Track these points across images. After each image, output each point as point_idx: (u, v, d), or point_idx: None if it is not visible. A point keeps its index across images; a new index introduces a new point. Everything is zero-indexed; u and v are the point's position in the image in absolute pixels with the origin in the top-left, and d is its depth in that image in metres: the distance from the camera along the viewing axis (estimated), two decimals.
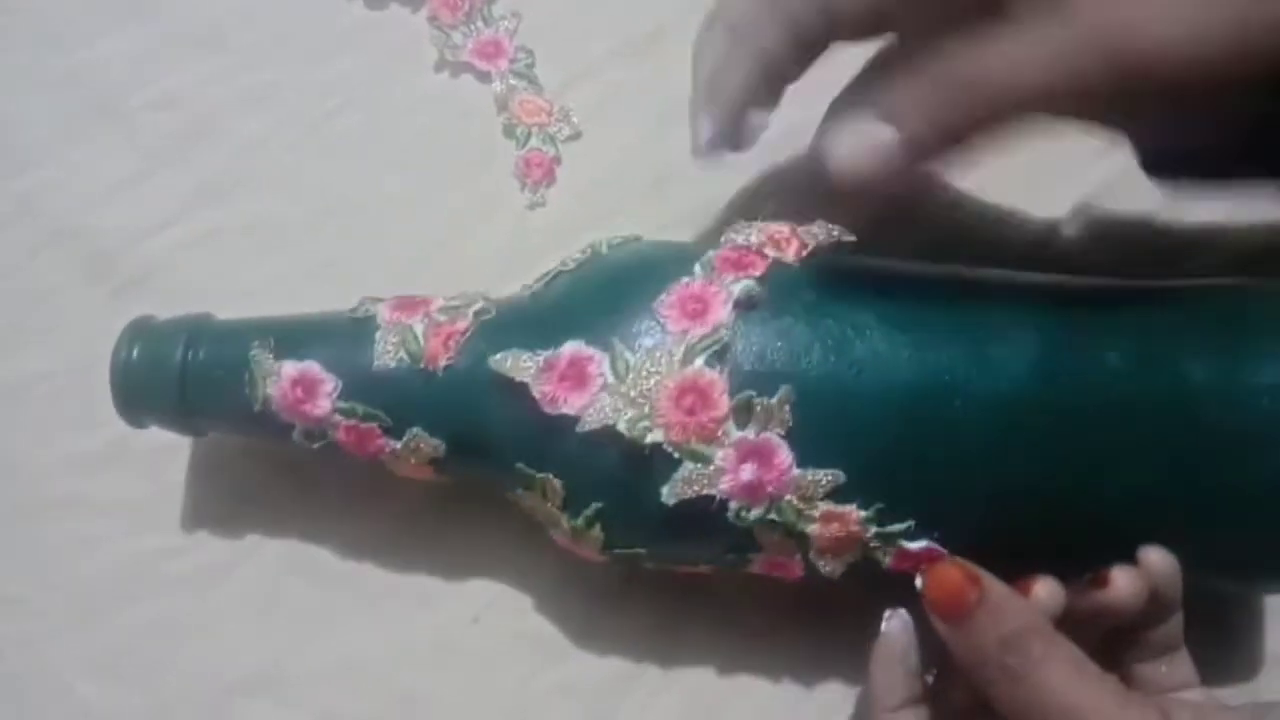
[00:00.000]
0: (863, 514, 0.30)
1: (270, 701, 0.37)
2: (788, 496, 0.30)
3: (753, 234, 0.33)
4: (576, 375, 0.31)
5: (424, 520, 0.38)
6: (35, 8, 0.44)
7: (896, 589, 0.31)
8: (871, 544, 0.31)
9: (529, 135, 0.42)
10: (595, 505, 0.31)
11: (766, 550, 0.31)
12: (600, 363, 0.30)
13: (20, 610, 0.38)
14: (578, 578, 0.38)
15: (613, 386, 0.30)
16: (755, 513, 0.30)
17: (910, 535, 0.31)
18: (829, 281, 0.32)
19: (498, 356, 0.31)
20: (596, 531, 0.32)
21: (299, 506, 0.39)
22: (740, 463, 0.30)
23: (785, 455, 0.30)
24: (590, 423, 0.30)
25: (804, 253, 0.32)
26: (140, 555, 0.38)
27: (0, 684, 0.37)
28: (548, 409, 0.31)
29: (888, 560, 0.31)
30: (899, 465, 0.30)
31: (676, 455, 0.30)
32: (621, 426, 0.30)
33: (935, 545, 0.31)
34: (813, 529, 0.30)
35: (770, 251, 0.32)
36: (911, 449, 0.30)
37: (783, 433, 0.30)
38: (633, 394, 0.30)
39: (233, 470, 0.39)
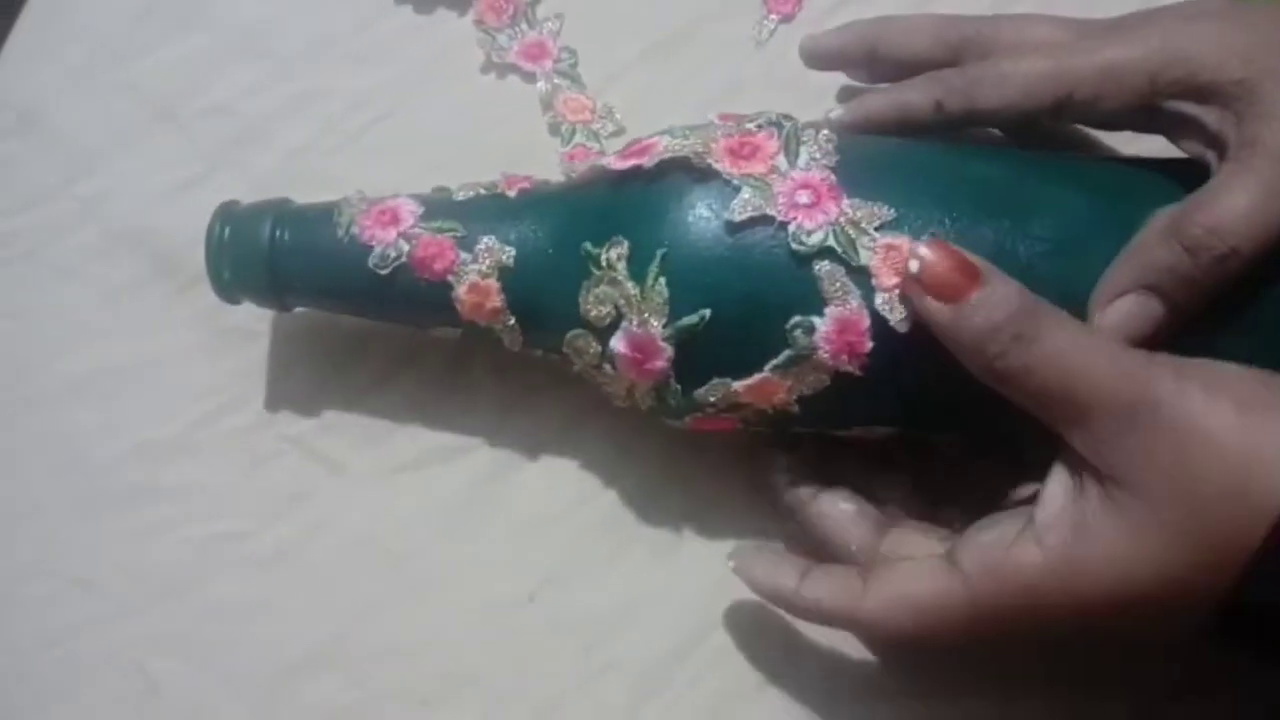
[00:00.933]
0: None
1: (334, 679, 0.38)
2: (842, 220, 0.32)
3: None
4: (639, 149, 0.34)
5: (480, 498, 0.40)
6: (93, 21, 0.46)
7: None
8: None
9: (574, 132, 0.44)
10: (660, 252, 0.33)
11: (831, 302, 0.32)
12: (657, 139, 0.34)
13: (91, 593, 0.39)
14: (631, 554, 0.39)
15: (672, 144, 0.34)
16: (815, 237, 0.32)
17: None
18: None
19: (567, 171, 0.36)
20: (662, 288, 0.32)
21: (360, 489, 0.40)
22: (795, 190, 0.32)
23: (835, 185, 0.32)
24: (655, 159, 0.33)
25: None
26: (208, 539, 0.40)
27: (72, 663, 0.39)
28: (619, 165, 0.34)
29: None
30: (949, 209, 0.32)
31: (736, 183, 0.33)
32: (686, 152, 0.33)
33: None
34: (873, 261, 0.32)
35: None
36: (959, 193, 0.33)
37: (830, 166, 0.33)
38: (692, 140, 0.34)
39: (296, 457, 0.41)
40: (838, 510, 0.35)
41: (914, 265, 0.30)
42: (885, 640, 0.35)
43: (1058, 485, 0.30)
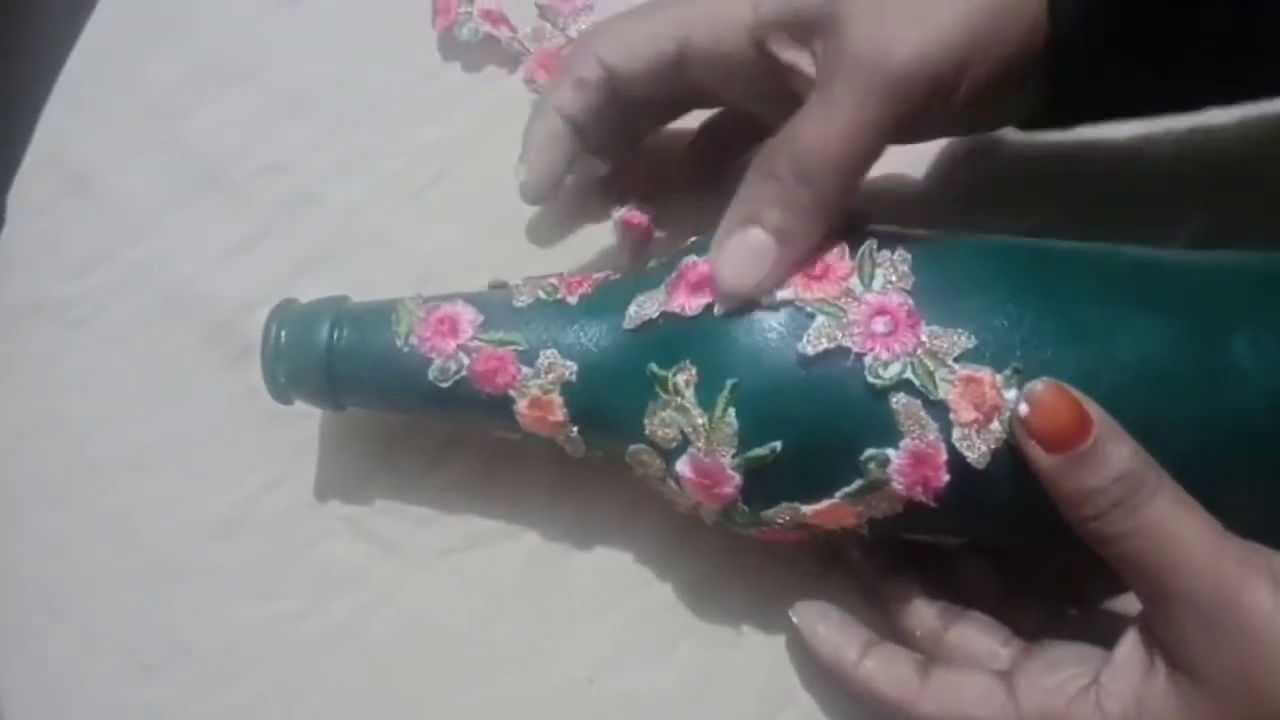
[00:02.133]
0: (999, 376, 0.30)
1: None
2: (920, 353, 0.30)
3: None
4: (700, 281, 0.32)
5: (534, 581, 0.39)
6: (139, 78, 0.46)
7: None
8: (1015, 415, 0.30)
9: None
10: (730, 382, 0.31)
11: (906, 435, 0.30)
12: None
13: (150, 675, 0.39)
14: (688, 640, 0.38)
15: None
16: (891, 370, 0.30)
17: None
18: None
19: (630, 311, 0.33)
20: (731, 419, 0.31)
21: (412, 570, 0.39)
22: (871, 317, 0.31)
23: (913, 310, 0.31)
24: (724, 303, 0.32)
25: None
26: (265, 619, 0.39)
27: None
28: (682, 318, 0.32)
29: None
30: (1030, 334, 0.31)
31: (809, 310, 0.31)
32: (756, 301, 0.31)
33: None
34: (951, 395, 0.30)
35: None
36: (1041, 314, 0.31)
37: (908, 290, 0.31)
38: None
39: (350, 535, 0.40)
40: (908, 592, 0.34)
41: (1024, 408, 0.29)
42: None
43: (1129, 653, 0.29)
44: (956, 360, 0.30)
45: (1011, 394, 0.30)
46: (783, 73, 0.33)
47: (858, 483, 0.31)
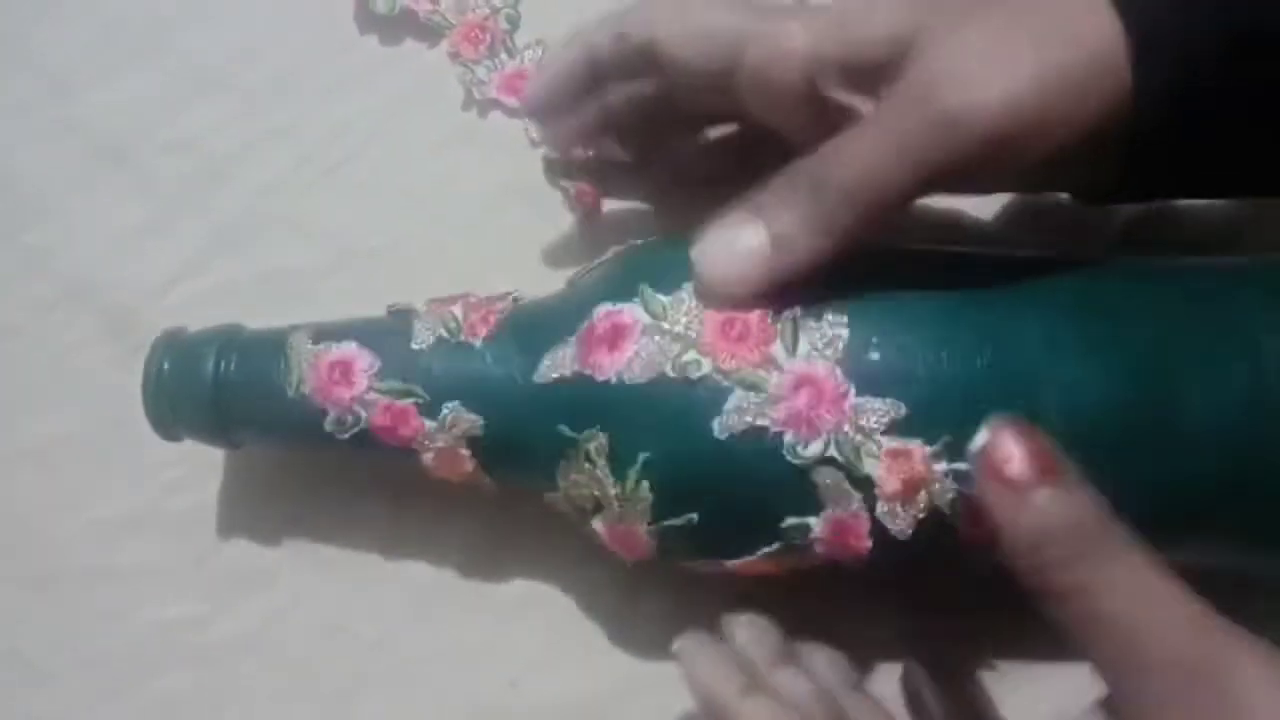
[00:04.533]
0: (929, 449, 0.28)
1: None
2: (846, 428, 0.28)
3: None
4: (613, 333, 0.30)
5: (457, 583, 0.37)
6: (37, 53, 0.43)
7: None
8: (941, 489, 0.28)
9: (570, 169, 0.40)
10: (643, 456, 0.29)
11: (828, 506, 0.28)
12: (633, 311, 0.30)
13: (48, 682, 0.37)
14: (618, 638, 0.36)
15: (651, 326, 0.29)
16: (813, 448, 0.28)
17: None
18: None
19: (541, 367, 0.31)
20: (645, 493, 0.29)
21: (326, 573, 0.37)
22: (794, 389, 0.28)
23: (840, 381, 0.28)
24: (636, 373, 0.29)
25: None
26: (168, 625, 0.37)
27: None
28: (594, 381, 0.29)
29: (959, 516, 0.28)
30: (962, 396, 0.28)
31: (726, 384, 0.28)
32: (669, 369, 0.29)
33: None
34: (877, 470, 0.28)
35: None
36: (975, 374, 0.28)
37: (835, 358, 0.28)
38: (674, 329, 0.29)
39: (259, 536, 0.38)
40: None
41: (980, 439, 0.26)
42: None
43: None
44: (885, 433, 0.28)
45: (940, 466, 0.28)
46: (833, 111, 0.30)
47: (778, 545, 0.29)
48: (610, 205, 0.40)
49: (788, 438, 0.28)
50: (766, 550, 0.29)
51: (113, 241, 0.41)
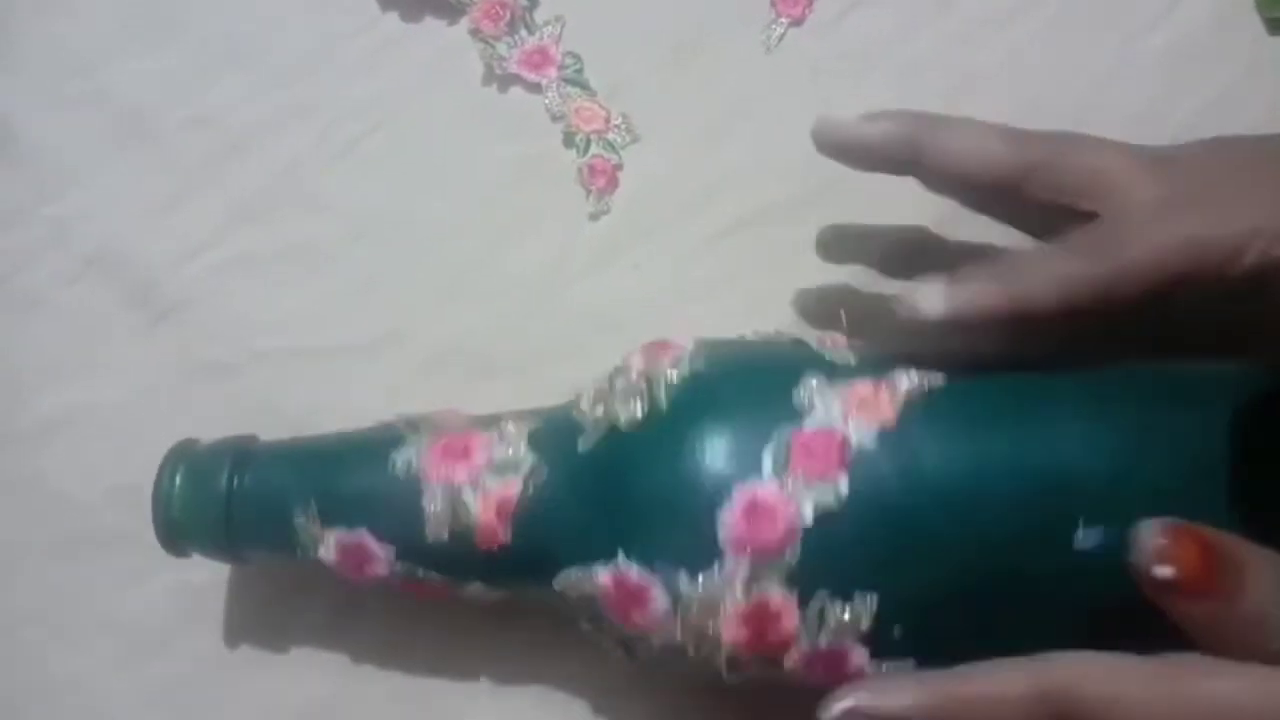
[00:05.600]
0: None
1: None
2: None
3: (834, 402, 0.29)
4: (636, 598, 0.29)
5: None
6: (61, 27, 0.43)
7: None
8: None
9: (589, 143, 0.41)
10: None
11: None
12: (657, 592, 0.28)
13: (73, 645, 0.37)
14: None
15: (673, 615, 0.28)
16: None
17: None
18: (910, 473, 0.29)
19: (560, 577, 0.30)
20: None
21: None
22: (809, 666, 0.28)
23: (858, 658, 0.28)
24: (655, 643, 0.29)
25: (892, 412, 0.29)
26: (191, 589, 0.37)
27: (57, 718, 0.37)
28: (614, 624, 0.30)
29: None
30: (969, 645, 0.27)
31: (742, 669, 0.29)
32: (689, 649, 0.29)
33: None
34: None
35: (853, 424, 0.29)
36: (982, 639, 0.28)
37: (857, 639, 0.28)
38: (695, 624, 0.28)
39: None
40: None
41: (1163, 571, 0.25)
42: None
43: None
44: None
45: None
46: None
47: None
48: (625, 180, 0.41)
49: None
50: None
51: (135, 214, 0.41)
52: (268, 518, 0.32)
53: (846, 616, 0.28)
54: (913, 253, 0.39)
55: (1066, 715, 0.25)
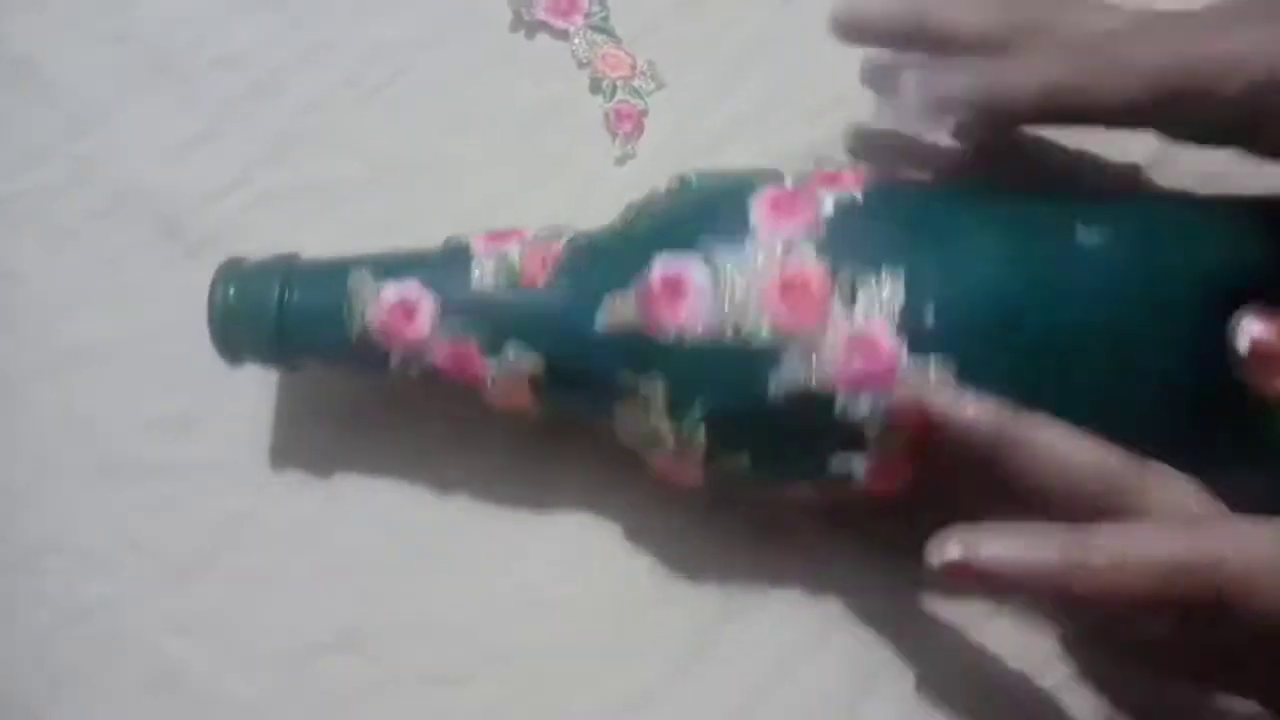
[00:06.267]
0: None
1: (355, 658, 0.37)
2: (896, 390, 0.30)
3: (845, 167, 0.34)
4: (673, 289, 0.31)
5: (506, 477, 0.38)
6: None
7: None
8: None
9: (615, 89, 0.42)
10: (700, 406, 0.31)
11: (875, 448, 0.31)
12: (695, 270, 0.31)
13: (108, 572, 0.38)
14: (662, 528, 0.38)
15: (711, 291, 0.30)
16: (864, 406, 0.30)
17: None
18: (924, 191, 0.33)
19: (601, 314, 0.32)
20: (700, 437, 0.31)
21: (378, 462, 0.39)
22: (848, 353, 0.30)
23: (893, 344, 0.30)
24: (695, 331, 0.30)
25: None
26: (223, 515, 0.38)
27: (89, 643, 0.37)
28: (655, 334, 0.31)
29: None
30: (1009, 360, 0.30)
31: (783, 346, 0.30)
32: (728, 331, 0.30)
33: None
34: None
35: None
36: (1020, 342, 0.30)
37: (888, 321, 0.30)
38: (735, 294, 0.30)
39: (312, 431, 0.39)
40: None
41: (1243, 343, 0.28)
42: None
43: None
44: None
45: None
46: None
47: (824, 477, 0.32)
48: (651, 127, 0.42)
49: (840, 398, 0.30)
50: (814, 479, 0.32)
51: (163, 152, 0.42)
52: (322, 291, 0.34)
53: (876, 287, 0.30)
54: None
55: (1208, 589, 0.25)
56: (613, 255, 0.33)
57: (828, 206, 0.31)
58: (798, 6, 0.43)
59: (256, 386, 0.39)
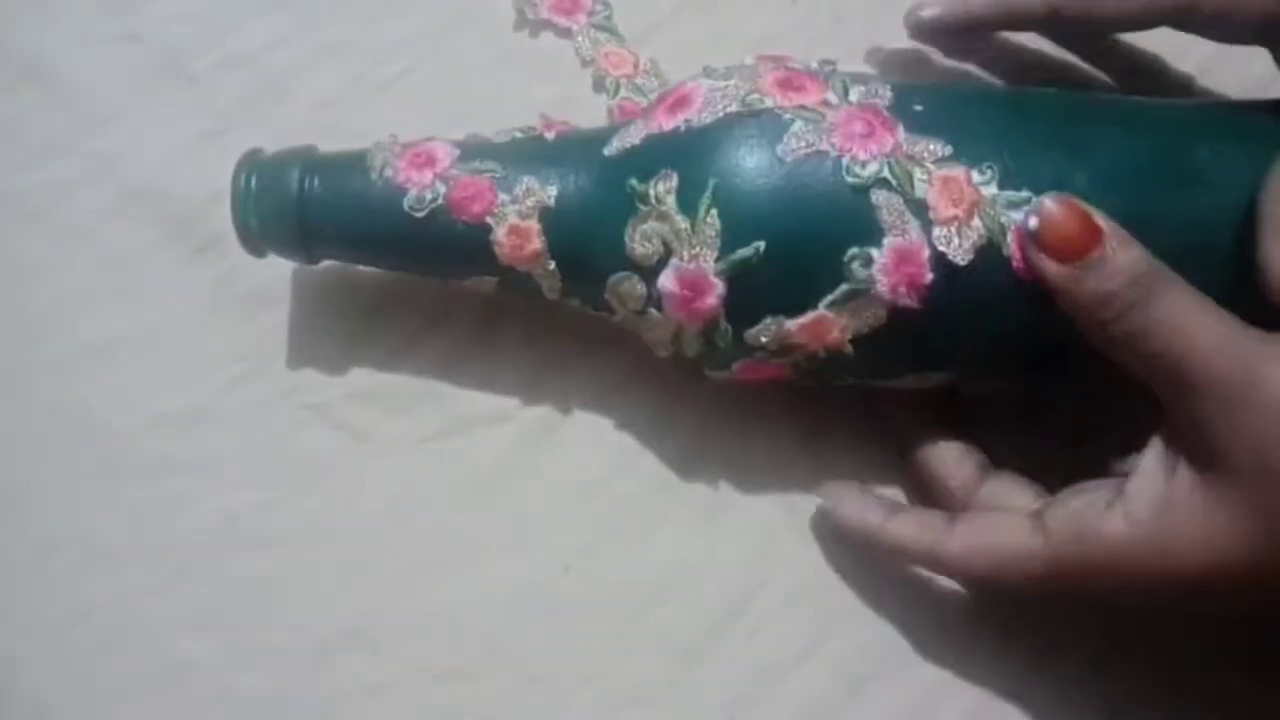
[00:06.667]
0: (977, 175, 0.31)
1: (365, 654, 0.37)
2: (898, 154, 0.31)
3: None
4: (680, 98, 0.33)
5: (510, 468, 0.39)
6: None
7: None
8: (994, 213, 0.31)
9: (618, 87, 0.42)
10: (712, 183, 0.31)
11: (889, 233, 0.31)
12: (700, 83, 0.34)
13: (116, 568, 0.38)
14: (669, 523, 0.38)
15: (715, 87, 0.33)
16: (870, 169, 0.31)
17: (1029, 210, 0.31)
18: None
19: (612, 142, 0.34)
20: (714, 220, 0.31)
21: (387, 460, 0.39)
22: (849, 120, 0.32)
23: (890, 119, 0.32)
24: (704, 117, 0.32)
25: None
26: (231, 513, 0.38)
27: (100, 640, 0.37)
28: (662, 132, 0.33)
29: (1012, 243, 0.31)
30: (1005, 143, 0.32)
31: (787, 117, 0.32)
32: (734, 106, 0.32)
33: None
34: (929, 194, 0.31)
35: None
36: (1015, 130, 0.32)
37: (884, 105, 0.32)
38: (738, 84, 0.33)
39: (320, 427, 0.39)
40: (946, 446, 0.35)
41: (1033, 222, 0.30)
42: (963, 583, 0.35)
43: (1153, 459, 0.30)
44: (934, 163, 0.31)
45: (990, 190, 0.31)
46: None
47: (842, 287, 0.31)
48: None
49: (846, 159, 0.31)
50: (831, 299, 0.31)
51: (174, 150, 0.42)
52: (345, 155, 0.36)
53: (867, 86, 0.33)
54: None
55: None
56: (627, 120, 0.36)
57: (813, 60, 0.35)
58: (803, 5, 0.44)
59: (265, 383, 0.39)
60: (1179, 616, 0.35)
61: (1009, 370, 0.35)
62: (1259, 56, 0.35)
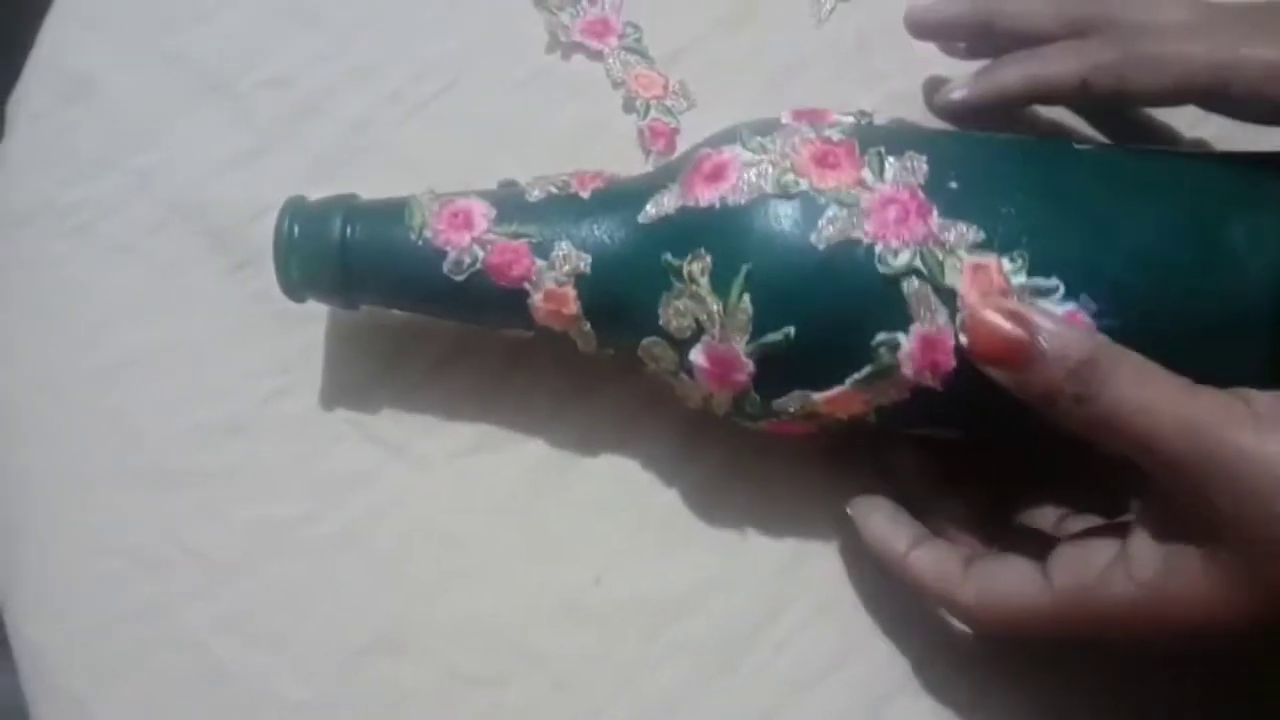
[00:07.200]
0: (1008, 264, 0.31)
1: (399, 661, 0.38)
2: (930, 242, 0.31)
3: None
4: (715, 170, 0.33)
5: (542, 484, 0.40)
6: None
7: None
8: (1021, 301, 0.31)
9: (648, 108, 0.43)
10: (745, 268, 0.32)
11: (917, 320, 0.31)
12: (735, 152, 0.33)
13: (154, 573, 0.39)
14: (695, 543, 0.39)
15: (752, 161, 0.33)
16: (901, 258, 0.31)
17: (1058, 298, 0.31)
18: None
19: (647, 208, 0.34)
20: (746, 305, 0.32)
21: (421, 473, 0.40)
22: (883, 206, 0.32)
23: (924, 202, 0.32)
24: (739, 195, 0.32)
25: None
26: (270, 523, 0.39)
27: (139, 642, 0.38)
28: (697, 208, 0.33)
29: None
30: (1037, 226, 0.32)
31: (822, 200, 0.32)
32: (768, 188, 0.32)
33: (1081, 311, 0.31)
34: (960, 283, 0.31)
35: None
36: (1048, 208, 0.32)
37: (919, 184, 0.32)
38: (774, 158, 0.33)
39: (356, 441, 0.40)
40: (954, 515, 0.35)
41: (963, 339, 0.31)
42: (974, 629, 0.35)
43: (1151, 519, 0.30)
44: (966, 250, 0.31)
45: (1019, 280, 0.31)
46: None
47: (868, 369, 0.32)
48: (683, 145, 0.43)
49: (879, 248, 0.31)
50: (856, 377, 0.32)
51: (215, 168, 0.43)
52: (385, 206, 0.36)
53: (901, 161, 0.32)
54: None
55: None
56: (658, 171, 0.36)
57: (848, 119, 0.35)
58: (828, 29, 0.44)
59: (302, 396, 0.40)
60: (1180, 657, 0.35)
61: (1025, 433, 0.35)
62: None
